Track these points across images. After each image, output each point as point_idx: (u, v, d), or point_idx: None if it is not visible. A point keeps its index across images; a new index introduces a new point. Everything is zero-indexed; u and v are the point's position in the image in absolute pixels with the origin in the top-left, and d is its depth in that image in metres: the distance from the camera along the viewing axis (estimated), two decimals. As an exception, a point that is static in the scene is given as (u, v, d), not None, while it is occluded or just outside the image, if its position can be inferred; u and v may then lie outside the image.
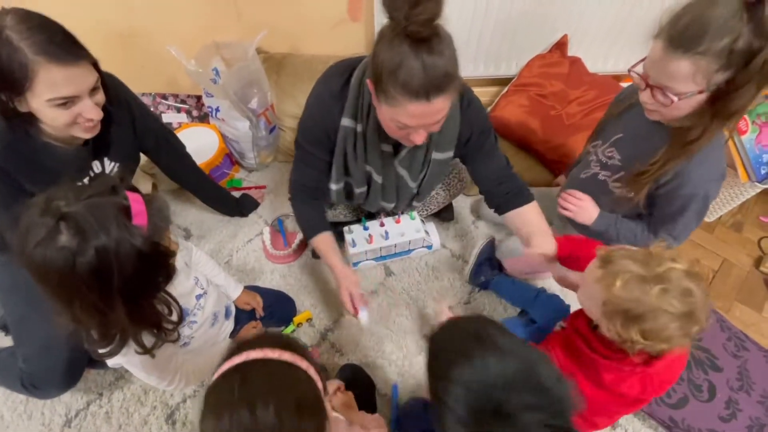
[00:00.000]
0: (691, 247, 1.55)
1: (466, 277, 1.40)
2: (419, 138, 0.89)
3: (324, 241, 1.16)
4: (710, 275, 1.48)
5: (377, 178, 1.13)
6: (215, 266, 1.16)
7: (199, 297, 0.99)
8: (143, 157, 1.26)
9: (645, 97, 0.85)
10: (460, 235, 1.55)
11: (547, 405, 0.51)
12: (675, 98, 0.79)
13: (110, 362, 0.80)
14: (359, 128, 1.01)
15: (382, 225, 1.38)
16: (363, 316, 1.14)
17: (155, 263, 0.68)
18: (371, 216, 1.47)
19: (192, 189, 1.44)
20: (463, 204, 1.64)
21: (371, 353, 1.28)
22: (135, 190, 0.69)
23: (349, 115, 1.00)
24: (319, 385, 0.59)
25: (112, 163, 1.14)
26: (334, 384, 0.96)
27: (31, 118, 0.90)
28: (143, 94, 1.70)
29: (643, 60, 0.86)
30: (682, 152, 0.89)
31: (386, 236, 1.35)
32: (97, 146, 1.08)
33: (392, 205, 1.26)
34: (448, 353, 0.60)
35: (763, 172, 1.41)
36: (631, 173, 0.99)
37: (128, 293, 0.65)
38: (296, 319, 1.31)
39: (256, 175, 1.73)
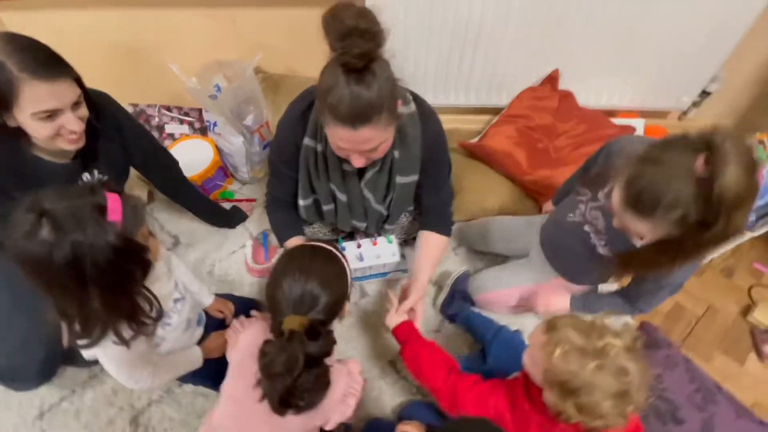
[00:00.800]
0: (676, 289, 1.51)
1: (437, 306, 1.40)
2: (357, 162, 0.94)
3: (294, 243, 1.20)
4: (693, 321, 1.44)
5: (341, 197, 1.16)
6: (189, 273, 1.20)
7: (176, 301, 1.03)
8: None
9: (615, 222, 0.85)
10: (440, 261, 1.55)
11: None
12: (638, 241, 0.81)
13: (86, 354, 0.84)
14: (319, 148, 1.06)
15: (359, 246, 1.40)
16: None
17: (129, 257, 0.73)
18: (351, 236, 1.50)
19: (181, 202, 1.50)
20: (445, 230, 1.64)
21: (335, 373, 1.29)
22: (117, 192, 0.74)
23: (310, 134, 1.05)
24: (349, 282, 0.86)
25: (101, 176, 1.20)
26: None
27: (20, 133, 0.96)
28: (149, 106, 1.79)
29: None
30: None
31: (361, 258, 1.38)
32: (86, 160, 1.14)
33: (364, 225, 1.28)
34: None
35: (751, 219, 1.37)
36: (617, 257, 0.98)
37: (106, 284, 0.70)
38: (267, 333, 1.34)
39: (248, 188, 1.79)
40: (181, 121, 1.81)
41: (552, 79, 1.61)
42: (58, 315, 0.73)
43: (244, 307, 1.31)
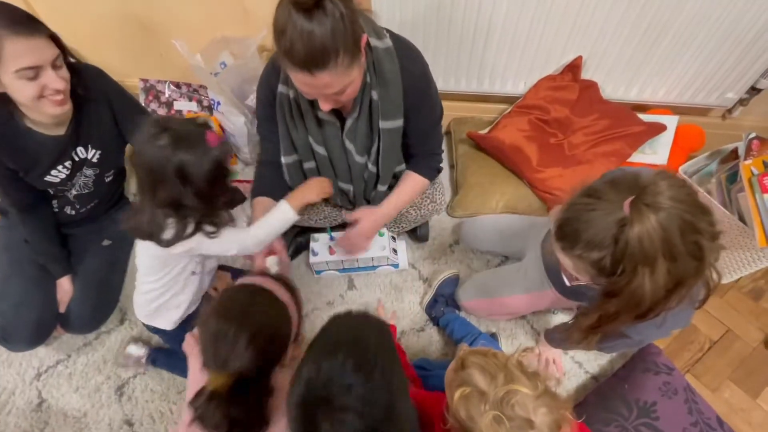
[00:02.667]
0: (692, 309, 1.37)
1: (423, 305, 1.35)
2: (324, 105, 0.91)
3: (259, 202, 1.17)
4: (706, 346, 1.30)
5: (320, 150, 1.09)
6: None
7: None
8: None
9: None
10: (434, 257, 1.50)
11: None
12: (572, 280, 0.78)
13: (181, 247, 0.95)
14: (291, 94, 1.01)
15: (349, 237, 1.37)
16: (269, 260, 1.16)
17: (219, 172, 0.89)
18: (342, 226, 1.46)
19: (177, 178, 1.52)
20: (444, 225, 1.57)
21: (312, 364, 1.28)
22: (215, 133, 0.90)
23: (283, 81, 1.00)
24: (294, 328, 0.77)
25: (95, 150, 1.23)
26: None
27: (8, 103, 1.01)
28: (159, 81, 1.80)
29: None
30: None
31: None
32: (77, 134, 1.17)
33: (350, 188, 1.19)
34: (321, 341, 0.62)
35: (787, 238, 1.21)
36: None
37: (201, 193, 0.87)
38: (251, 317, 1.35)
39: (250, 169, 1.78)
40: (190, 98, 1.81)
41: (574, 67, 1.46)
42: (157, 207, 0.89)
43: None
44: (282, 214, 1.08)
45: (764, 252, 1.27)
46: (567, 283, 0.83)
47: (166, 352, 1.28)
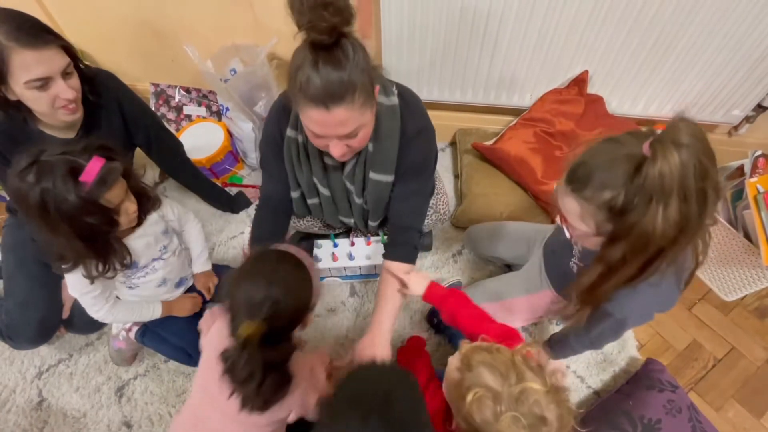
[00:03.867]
0: (696, 326, 1.36)
1: (425, 314, 1.35)
2: (336, 150, 0.88)
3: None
4: (710, 364, 1.29)
5: (324, 191, 1.12)
6: (201, 240, 1.27)
7: (155, 260, 1.10)
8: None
9: (559, 220, 0.82)
10: (437, 267, 1.50)
11: None
12: (573, 232, 0.78)
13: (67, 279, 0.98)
14: (300, 138, 1.03)
15: (352, 245, 1.38)
16: None
17: (92, 213, 0.85)
18: (347, 233, 1.47)
19: (184, 183, 1.54)
20: (448, 235, 1.58)
21: (312, 371, 1.28)
22: (109, 157, 0.87)
23: (291, 125, 1.02)
24: (315, 291, 0.82)
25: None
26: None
27: (23, 107, 1.01)
28: (169, 86, 1.83)
29: None
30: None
31: (351, 256, 1.34)
32: (88, 137, 1.18)
33: (351, 221, 1.23)
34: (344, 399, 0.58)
35: (793, 256, 1.20)
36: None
37: (72, 229, 0.84)
38: (253, 322, 1.35)
39: (257, 175, 1.80)
40: (199, 103, 1.84)
41: (580, 81, 1.47)
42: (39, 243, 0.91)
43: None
44: (151, 313, 1.15)
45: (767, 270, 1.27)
46: (567, 235, 0.81)
47: (153, 331, 1.24)
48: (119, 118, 1.22)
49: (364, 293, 1.44)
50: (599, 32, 1.34)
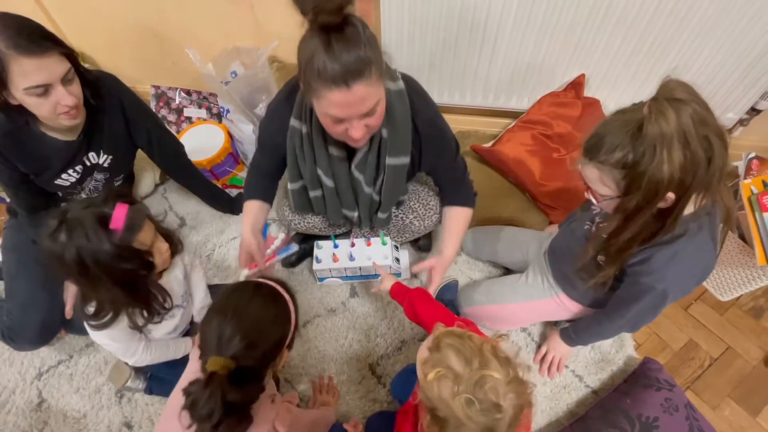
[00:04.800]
0: (693, 326, 1.38)
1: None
2: (357, 131, 0.87)
3: (249, 206, 1.21)
4: (706, 363, 1.30)
5: (328, 182, 1.12)
6: (205, 288, 1.22)
7: (177, 306, 1.08)
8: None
9: (588, 195, 0.89)
10: (436, 268, 1.50)
11: None
12: (599, 197, 0.84)
13: (93, 336, 0.98)
14: (304, 129, 1.03)
15: (352, 245, 1.38)
16: (244, 273, 1.16)
17: (128, 258, 0.85)
18: (347, 234, 1.48)
19: (184, 184, 1.54)
20: (447, 236, 1.59)
21: (312, 371, 1.29)
22: (129, 201, 0.86)
23: (296, 115, 1.03)
24: (291, 329, 0.79)
25: (106, 156, 1.25)
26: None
27: (25, 111, 1.01)
28: (170, 88, 1.84)
29: None
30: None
31: (351, 257, 1.35)
32: (90, 139, 1.19)
33: (355, 214, 1.22)
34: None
35: (787, 257, 1.22)
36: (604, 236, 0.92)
37: (112, 279, 0.84)
38: (253, 323, 1.35)
39: (257, 176, 1.80)
40: (200, 105, 1.85)
41: (577, 84, 1.49)
42: (81, 299, 0.91)
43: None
44: (184, 348, 1.15)
45: (764, 270, 1.28)
46: (594, 203, 0.86)
47: (160, 380, 1.26)
48: (121, 121, 1.22)
49: (365, 294, 1.45)
50: (595, 36, 1.37)
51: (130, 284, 0.88)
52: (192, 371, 0.84)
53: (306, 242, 1.50)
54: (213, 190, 1.59)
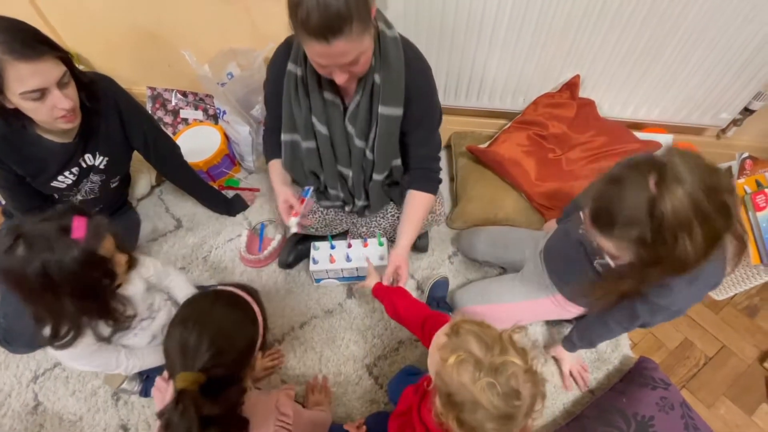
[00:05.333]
0: (688, 325, 1.39)
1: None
2: (340, 78, 0.91)
3: (272, 166, 1.25)
4: (701, 362, 1.31)
5: (321, 128, 1.11)
6: (187, 288, 1.19)
7: (143, 320, 1.07)
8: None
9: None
10: (433, 268, 1.51)
11: None
12: (614, 260, 0.82)
13: (55, 355, 0.94)
14: (299, 72, 1.04)
15: (349, 246, 1.39)
16: (292, 222, 1.16)
17: (94, 266, 0.84)
18: (344, 235, 1.48)
19: (181, 186, 1.54)
20: (444, 236, 1.59)
21: (309, 372, 1.29)
22: (85, 214, 0.85)
23: (292, 59, 1.04)
24: (260, 331, 0.77)
25: (102, 157, 1.25)
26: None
27: (21, 115, 1.01)
28: (166, 90, 1.84)
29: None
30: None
31: (348, 258, 1.36)
32: (86, 141, 1.19)
33: (350, 174, 1.19)
34: None
35: (780, 256, 1.23)
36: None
37: (76, 291, 0.82)
38: (250, 324, 1.35)
39: (254, 177, 1.81)
40: (196, 107, 1.85)
41: (572, 85, 1.50)
42: (34, 321, 0.86)
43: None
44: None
45: (758, 269, 1.29)
46: (611, 264, 0.85)
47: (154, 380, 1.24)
48: (117, 122, 1.22)
49: (362, 295, 1.45)
50: (590, 37, 1.38)
51: (92, 295, 0.86)
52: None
53: (303, 243, 1.50)
54: (209, 192, 1.59)
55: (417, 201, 1.18)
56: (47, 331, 0.86)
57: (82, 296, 0.83)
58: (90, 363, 0.98)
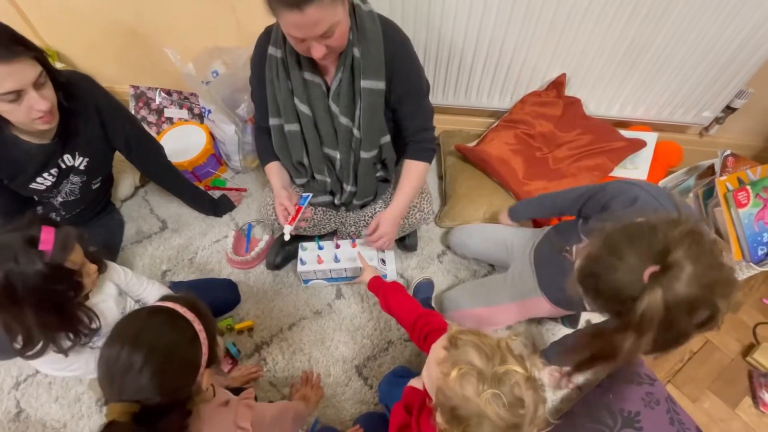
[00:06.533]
0: (673, 320, 1.41)
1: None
2: (317, 51, 0.91)
3: (272, 167, 1.25)
4: (686, 356, 1.33)
5: (304, 109, 1.10)
6: (156, 289, 1.16)
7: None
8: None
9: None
10: (422, 267, 1.51)
11: None
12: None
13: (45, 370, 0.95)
14: (279, 54, 1.05)
15: (337, 246, 1.38)
16: (286, 229, 1.18)
17: (58, 280, 0.81)
18: (331, 235, 1.47)
19: (165, 187, 1.52)
20: (433, 235, 1.59)
21: (298, 374, 1.28)
22: (54, 224, 0.82)
23: (272, 43, 1.05)
24: (204, 349, 0.69)
25: (82, 158, 1.22)
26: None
27: None
28: (150, 88, 1.81)
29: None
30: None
31: (336, 259, 1.35)
32: (65, 142, 1.16)
33: (337, 156, 1.18)
34: None
35: (761, 252, 1.25)
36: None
37: (40, 304, 0.79)
38: (238, 326, 1.34)
39: (241, 177, 1.79)
40: (181, 106, 1.82)
41: (558, 84, 1.51)
42: (5, 332, 0.82)
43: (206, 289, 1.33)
44: None
45: (740, 265, 1.31)
46: (587, 308, 0.80)
47: None
48: (97, 122, 1.20)
49: (351, 295, 1.44)
50: (576, 35, 1.38)
51: (56, 308, 0.83)
52: None
53: (290, 244, 1.48)
54: (195, 193, 1.56)
55: (414, 168, 1.20)
56: (19, 340, 0.83)
57: (45, 309, 0.81)
58: (67, 368, 0.96)
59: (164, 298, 0.73)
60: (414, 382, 0.99)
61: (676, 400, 1.17)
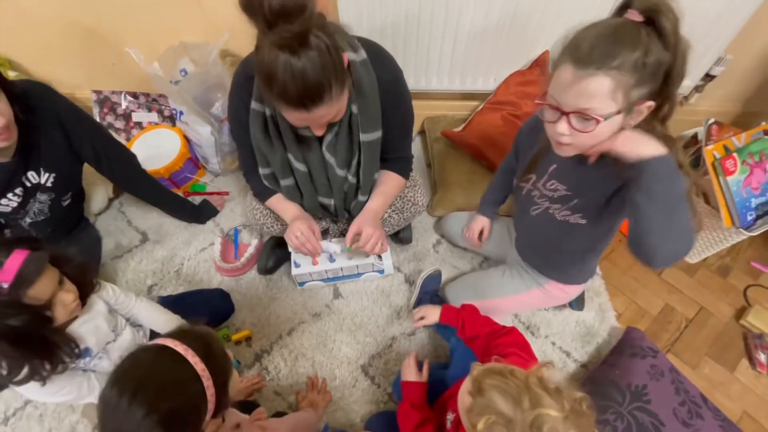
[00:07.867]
0: (667, 291, 1.43)
1: (410, 306, 1.34)
2: (318, 131, 0.93)
3: (276, 200, 1.18)
4: (683, 325, 1.36)
5: (300, 166, 1.06)
6: (157, 313, 1.10)
7: (109, 343, 0.98)
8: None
9: (561, 128, 0.74)
10: (419, 258, 1.48)
11: None
12: (600, 118, 0.69)
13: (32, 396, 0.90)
14: (267, 111, 0.98)
15: (331, 245, 1.33)
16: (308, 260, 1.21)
17: (14, 315, 0.75)
18: (324, 234, 1.42)
19: (141, 196, 1.44)
20: (426, 225, 1.57)
21: (303, 380, 1.24)
22: (36, 247, 0.77)
23: (256, 98, 0.97)
24: (210, 406, 0.64)
25: (48, 174, 1.14)
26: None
27: None
28: (114, 92, 1.69)
29: (544, 94, 0.78)
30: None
31: (332, 259, 1.31)
32: (27, 158, 1.07)
33: (332, 202, 1.17)
34: None
35: (749, 218, 1.28)
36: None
37: (5, 336, 0.75)
38: (235, 337, 1.29)
39: (221, 180, 1.71)
40: (149, 109, 1.72)
41: (541, 62, 1.48)
42: None
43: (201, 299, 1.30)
44: None
45: (729, 231, 1.34)
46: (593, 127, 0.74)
47: None
48: (60, 134, 1.11)
49: (348, 294, 1.41)
50: (558, 11, 1.35)
51: (21, 341, 0.77)
52: None
53: (280, 248, 1.43)
54: (174, 200, 1.48)
55: (392, 177, 1.17)
56: (4, 366, 0.79)
57: (8, 343, 0.76)
58: (58, 393, 0.90)
59: (178, 334, 0.67)
60: (406, 376, 0.97)
61: (679, 369, 1.19)
